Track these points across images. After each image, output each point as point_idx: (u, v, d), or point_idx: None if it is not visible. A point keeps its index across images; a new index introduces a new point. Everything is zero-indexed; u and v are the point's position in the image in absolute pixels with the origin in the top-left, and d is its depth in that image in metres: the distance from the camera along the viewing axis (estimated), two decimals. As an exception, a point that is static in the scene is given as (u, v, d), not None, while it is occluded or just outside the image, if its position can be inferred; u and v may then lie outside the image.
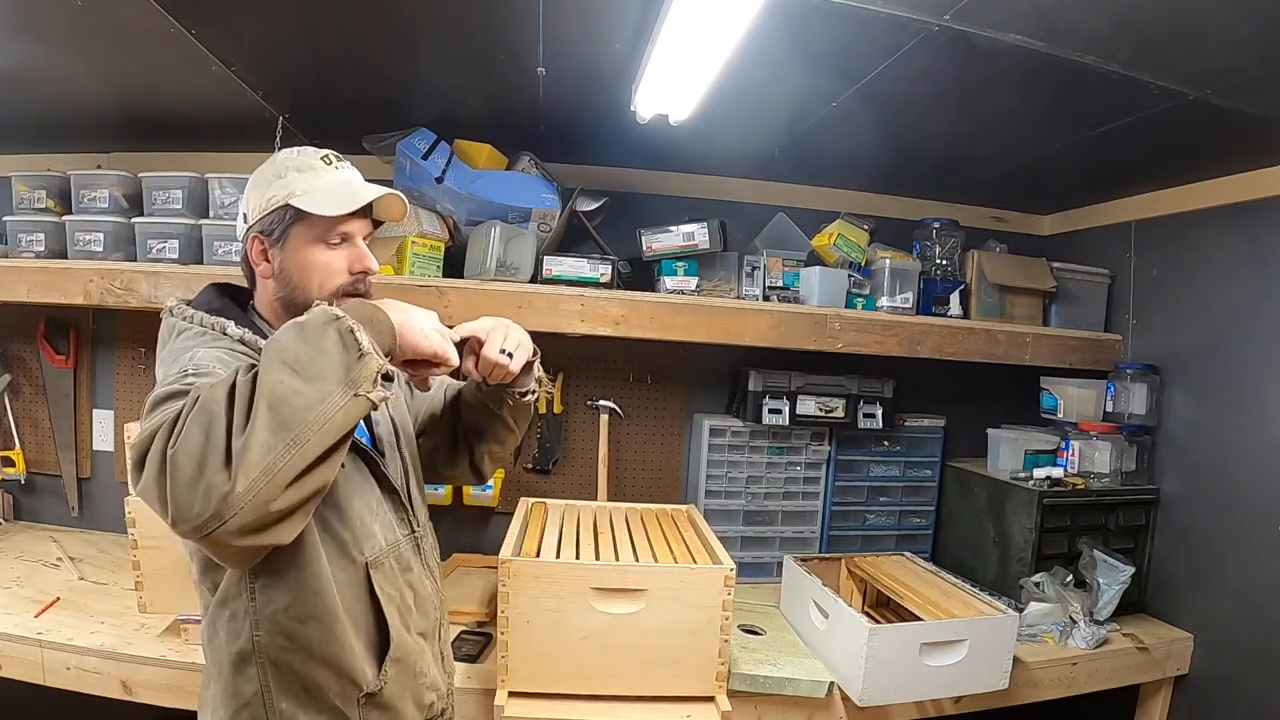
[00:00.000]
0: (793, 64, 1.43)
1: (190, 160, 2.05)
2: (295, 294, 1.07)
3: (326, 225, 1.06)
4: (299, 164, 1.08)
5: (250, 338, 1.02)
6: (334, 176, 1.09)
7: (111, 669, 1.55)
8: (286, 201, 1.05)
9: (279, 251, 1.07)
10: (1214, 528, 1.91)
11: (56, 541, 2.14)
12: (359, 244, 1.11)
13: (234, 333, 1.02)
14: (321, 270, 1.07)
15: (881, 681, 1.53)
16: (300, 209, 1.04)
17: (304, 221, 1.06)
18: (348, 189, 1.09)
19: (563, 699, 1.43)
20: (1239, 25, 1.15)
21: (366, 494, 1.07)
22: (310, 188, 1.06)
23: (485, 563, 2.09)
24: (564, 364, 2.25)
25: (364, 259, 1.10)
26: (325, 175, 1.08)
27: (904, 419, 2.29)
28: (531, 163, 2.05)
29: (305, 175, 1.07)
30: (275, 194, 1.06)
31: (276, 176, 1.07)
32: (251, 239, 1.08)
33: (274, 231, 1.06)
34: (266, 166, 1.10)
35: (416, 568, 1.15)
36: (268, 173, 1.08)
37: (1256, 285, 1.84)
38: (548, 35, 1.39)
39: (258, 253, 1.08)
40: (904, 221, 2.37)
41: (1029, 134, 1.77)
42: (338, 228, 1.07)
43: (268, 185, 1.07)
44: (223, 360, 0.95)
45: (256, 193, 1.08)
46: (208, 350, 0.97)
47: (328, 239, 1.07)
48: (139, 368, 2.25)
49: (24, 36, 1.46)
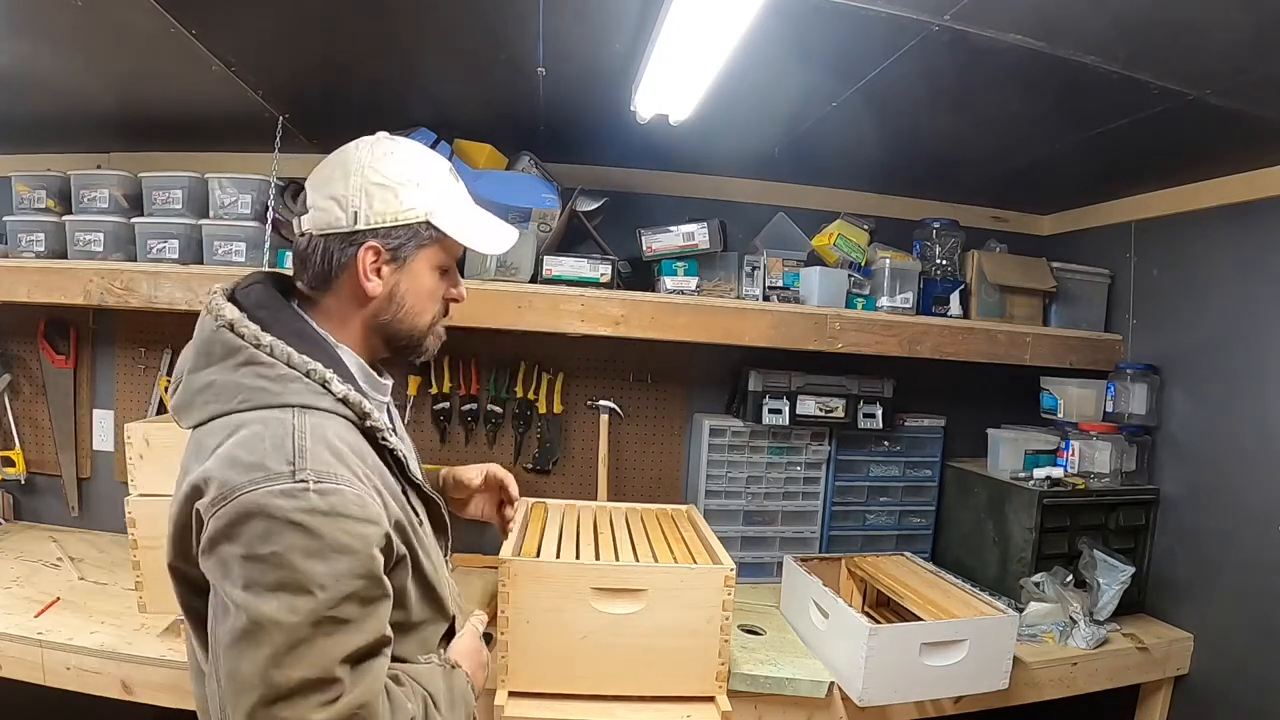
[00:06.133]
0: (793, 64, 1.43)
1: (190, 160, 2.05)
2: (403, 320, 0.96)
3: (452, 251, 0.98)
4: (436, 174, 0.96)
5: (355, 399, 0.88)
6: (462, 195, 1.00)
7: (111, 669, 1.55)
8: (428, 219, 0.93)
9: (396, 270, 0.94)
10: (1214, 528, 1.91)
11: (56, 541, 2.13)
12: (457, 272, 1.03)
13: (337, 390, 0.86)
14: (433, 298, 0.99)
15: (881, 681, 1.53)
16: (444, 232, 0.94)
17: (439, 244, 0.95)
18: (487, 220, 1.01)
19: (563, 699, 1.42)
20: (1239, 25, 1.15)
21: (435, 541, 1.02)
22: (448, 207, 0.95)
23: (485, 563, 2.09)
24: (564, 364, 2.25)
25: (463, 287, 1.03)
26: (457, 194, 0.99)
27: (904, 419, 2.29)
28: (531, 163, 2.05)
29: (443, 191, 0.96)
30: (415, 206, 0.92)
31: (414, 184, 0.92)
32: (367, 248, 0.91)
33: (400, 247, 0.93)
34: (392, 163, 0.92)
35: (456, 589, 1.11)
36: (399, 174, 0.92)
37: (1256, 285, 1.83)
38: (547, 35, 1.39)
39: (370, 266, 0.92)
40: (904, 221, 2.37)
41: (1029, 134, 1.77)
42: (456, 254, 0.99)
43: (403, 190, 0.92)
44: (340, 457, 0.81)
45: (385, 194, 0.91)
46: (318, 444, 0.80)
47: (445, 265, 0.99)
48: (139, 368, 2.25)
49: (24, 36, 1.46)
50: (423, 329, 0.99)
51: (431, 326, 1.01)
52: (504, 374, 2.24)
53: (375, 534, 0.80)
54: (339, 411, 0.86)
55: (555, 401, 2.24)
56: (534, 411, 2.26)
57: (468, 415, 2.24)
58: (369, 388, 0.97)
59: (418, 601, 0.94)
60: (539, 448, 2.27)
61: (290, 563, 0.74)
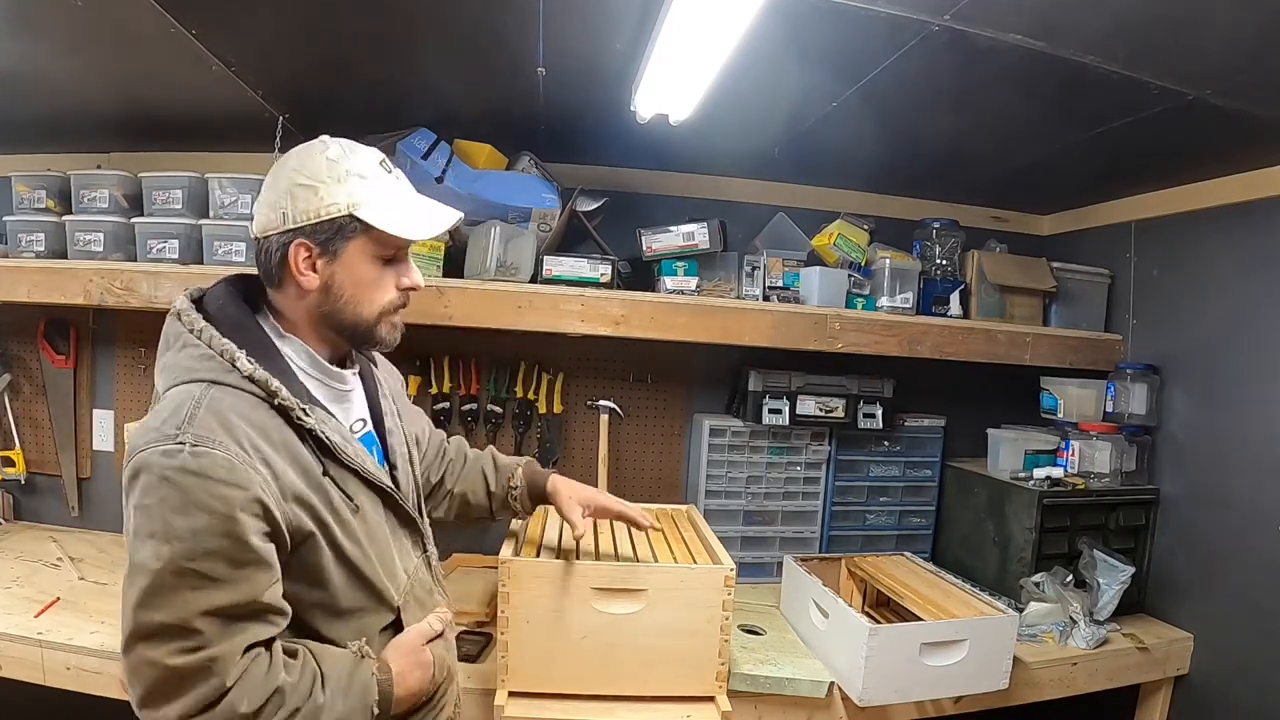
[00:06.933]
0: (793, 64, 1.43)
1: (190, 160, 2.05)
2: (343, 309, 1.01)
3: (387, 242, 1.01)
4: (359, 168, 0.99)
5: (261, 376, 0.93)
6: (396, 186, 1.03)
7: (112, 669, 1.54)
8: (350, 212, 0.97)
9: (330, 263, 0.99)
10: (1214, 528, 1.91)
11: (56, 541, 2.13)
12: (409, 260, 1.07)
13: (244, 367, 0.92)
14: (375, 288, 1.02)
15: (881, 681, 1.53)
16: (368, 223, 0.98)
17: (367, 235, 0.99)
18: (422, 207, 1.05)
19: (563, 699, 1.42)
20: (1239, 25, 1.15)
21: (384, 530, 1.05)
22: (374, 199, 0.99)
23: (485, 563, 2.09)
24: (564, 364, 2.25)
25: (415, 276, 1.06)
26: (387, 185, 1.02)
27: (904, 419, 2.29)
28: (531, 163, 2.05)
29: (368, 184, 0.99)
30: (335, 200, 0.97)
31: (334, 180, 0.97)
32: (296, 245, 0.97)
33: (328, 241, 0.97)
34: (316, 163, 0.98)
35: (433, 589, 1.16)
36: (320, 171, 0.97)
37: (1256, 285, 1.84)
38: (548, 35, 1.39)
39: (302, 261, 0.98)
40: (904, 221, 2.37)
41: (1029, 134, 1.77)
42: (395, 244, 1.02)
43: (323, 187, 0.97)
44: (228, 429, 0.88)
45: (306, 193, 0.96)
46: (207, 413, 0.88)
47: (384, 255, 1.02)
48: (139, 368, 2.25)
49: (24, 36, 1.45)
50: (368, 318, 1.03)
51: (381, 316, 1.04)
52: (504, 374, 2.24)
53: (239, 497, 0.85)
54: (245, 388, 0.92)
55: (555, 401, 2.24)
56: (534, 411, 2.26)
57: (468, 415, 2.24)
58: (321, 376, 1.04)
59: (345, 587, 0.97)
60: (539, 448, 2.27)
61: (160, 514, 0.83)
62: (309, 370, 1.03)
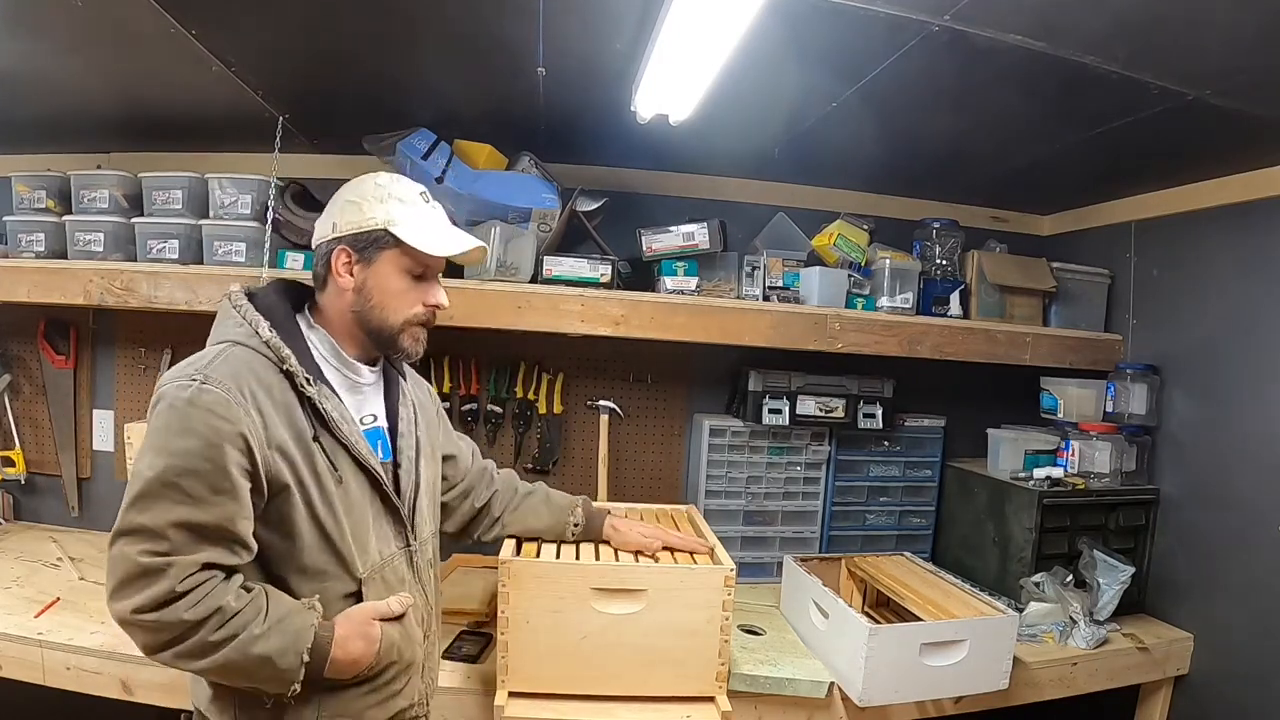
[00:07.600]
0: (792, 64, 1.43)
1: (190, 160, 2.06)
2: (372, 312, 1.15)
3: (416, 258, 1.15)
4: (401, 194, 1.16)
5: (275, 343, 1.08)
6: (431, 214, 1.19)
7: (111, 669, 1.55)
8: (386, 227, 1.13)
9: (364, 269, 1.14)
10: (1214, 528, 1.91)
11: (56, 541, 2.13)
12: (438, 282, 1.21)
13: (264, 334, 1.08)
14: (400, 298, 1.16)
15: (881, 681, 1.53)
16: (399, 238, 1.13)
17: (398, 249, 1.14)
18: (449, 232, 1.20)
19: (563, 699, 1.42)
20: (1239, 25, 1.15)
21: (366, 510, 1.13)
22: (409, 219, 1.14)
23: (485, 563, 2.09)
24: (564, 364, 2.25)
25: (440, 296, 1.20)
26: (423, 211, 1.18)
27: (904, 419, 2.29)
28: (531, 163, 2.05)
29: (406, 207, 1.15)
30: (375, 216, 1.13)
31: (378, 200, 1.14)
32: (339, 250, 1.14)
33: (365, 249, 1.13)
34: (365, 186, 1.16)
35: (408, 581, 1.20)
36: (368, 192, 1.15)
37: (1256, 285, 1.84)
38: (548, 35, 1.39)
39: (342, 264, 1.14)
40: (904, 221, 2.37)
41: (1029, 134, 1.77)
42: (424, 262, 1.16)
43: (367, 205, 1.14)
44: (236, 378, 1.02)
45: (353, 208, 1.14)
46: (224, 363, 1.04)
47: (413, 270, 1.16)
48: (139, 368, 2.25)
49: (24, 36, 1.46)
50: (394, 324, 1.16)
51: (405, 326, 1.17)
52: (504, 374, 2.24)
53: (227, 430, 0.98)
54: (262, 351, 1.07)
55: (555, 401, 2.24)
56: (534, 411, 2.26)
57: (468, 415, 2.24)
58: (339, 364, 1.18)
59: (313, 546, 1.07)
60: (539, 448, 2.27)
61: (163, 433, 0.99)
62: (328, 357, 1.17)
